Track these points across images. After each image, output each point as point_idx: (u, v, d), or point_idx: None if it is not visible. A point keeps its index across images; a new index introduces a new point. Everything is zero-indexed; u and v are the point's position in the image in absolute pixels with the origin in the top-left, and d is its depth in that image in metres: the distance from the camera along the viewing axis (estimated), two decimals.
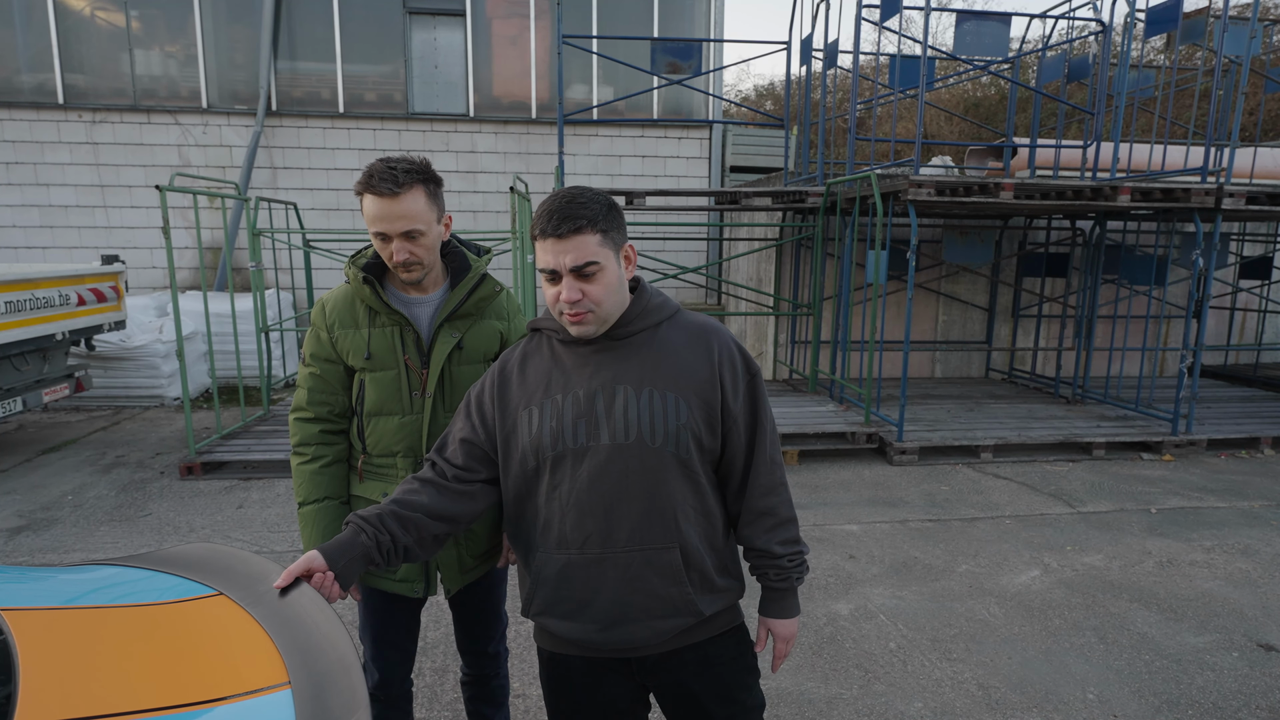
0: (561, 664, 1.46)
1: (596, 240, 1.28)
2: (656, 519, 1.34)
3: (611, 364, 1.36)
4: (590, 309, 1.31)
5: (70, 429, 6.45)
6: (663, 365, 1.36)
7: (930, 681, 2.85)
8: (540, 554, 1.39)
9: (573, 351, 1.39)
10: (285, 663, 1.06)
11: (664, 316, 1.41)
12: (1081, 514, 4.63)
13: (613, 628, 1.37)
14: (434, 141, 9.06)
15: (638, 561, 1.34)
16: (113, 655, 1.03)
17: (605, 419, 1.33)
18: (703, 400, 1.35)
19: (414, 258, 1.67)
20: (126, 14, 8.46)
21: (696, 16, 9.39)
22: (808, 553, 1.48)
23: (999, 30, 6.15)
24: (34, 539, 4.12)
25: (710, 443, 1.38)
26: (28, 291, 5.18)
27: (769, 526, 1.43)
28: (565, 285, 1.29)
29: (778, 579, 1.46)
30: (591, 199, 1.30)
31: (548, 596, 1.40)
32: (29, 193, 8.50)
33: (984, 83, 16.36)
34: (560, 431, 1.34)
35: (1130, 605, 3.46)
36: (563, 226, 1.27)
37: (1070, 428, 6.12)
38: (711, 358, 1.38)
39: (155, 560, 1.44)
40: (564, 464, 1.34)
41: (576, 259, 1.27)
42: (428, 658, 2.96)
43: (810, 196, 6.69)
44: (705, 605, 1.39)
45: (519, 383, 1.42)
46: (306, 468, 1.78)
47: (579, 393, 1.35)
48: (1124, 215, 6.78)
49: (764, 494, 1.42)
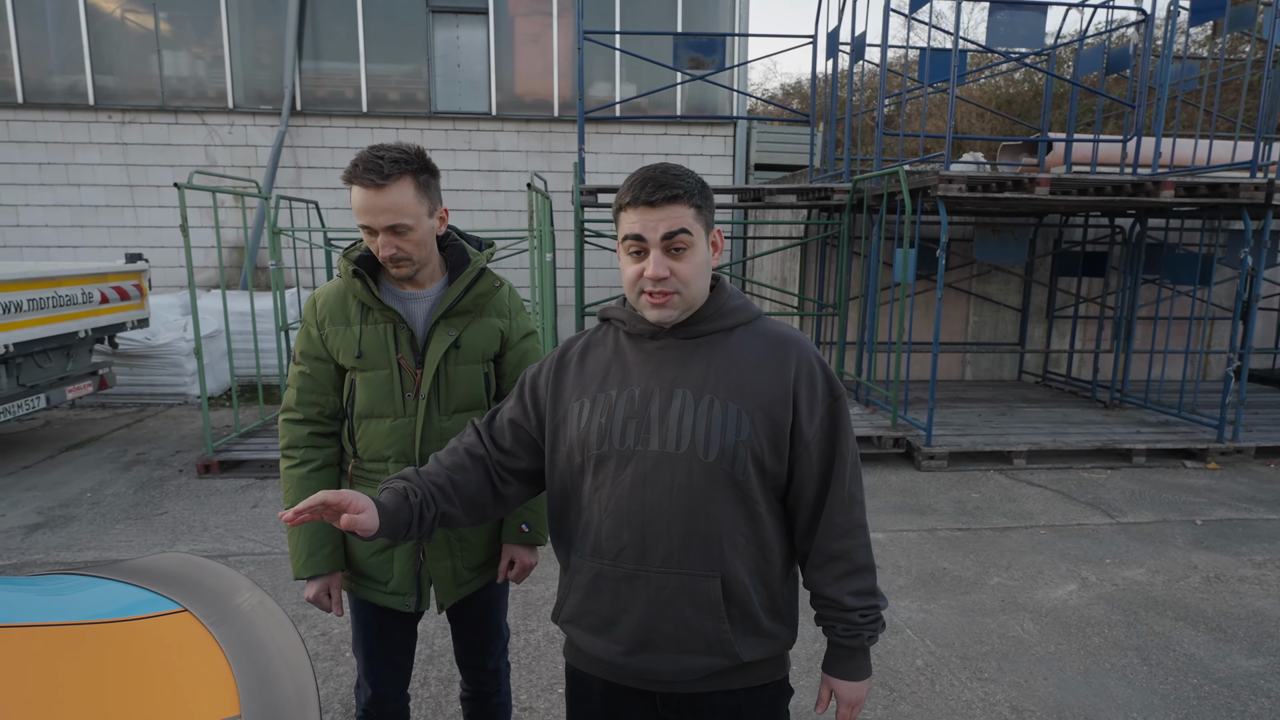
0: (584, 683, 1.35)
1: (691, 214, 1.18)
2: (698, 542, 1.20)
3: (674, 364, 1.24)
4: (677, 289, 1.19)
5: (94, 426, 6.50)
6: (730, 373, 1.22)
7: (960, 703, 2.70)
8: (576, 557, 1.30)
9: (637, 346, 1.28)
10: (240, 693, 0.96)
11: (740, 320, 1.28)
12: (1121, 524, 4.41)
13: (637, 653, 1.24)
14: (456, 140, 9.03)
15: (672, 585, 1.21)
16: (47, 683, 0.94)
17: (658, 423, 1.21)
18: (770, 418, 1.21)
19: (401, 253, 1.57)
20: (155, 16, 8.56)
21: (721, 11, 9.25)
22: (885, 606, 1.30)
23: (1034, 21, 5.92)
24: (50, 536, 4.12)
25: (775, 467, 1.23)
26: (50, 289, 5.22)
27: (841, 573, 1.26)
28: (653, 260, 1.18)
29: (846, 635, 1.28)
30: (686, 172, 1.20)
31: (576, 605, 1.30)
32: (60, 192, 8.64)
33: (1017, 78, 15.98)
34: (608, 430, 1.23)
35: (1175, 624, 3.26)
36: (657, 194, 1.16)
37: (1108, 433, 5.87)
38: (788, 373, 1.23)
39: (125, 571, 1.35)
40: (608, 465, 1.23)
41: (670, 226, 1.16)
42: (434, 667, 2.87)
43: (836, 194, 6.52)
44: (745, 650, 1.24)
45: (577, 372, 1.32)
46: (295, 472, 1.69)
47: (635, 391, 1.24)
48: (1166, 212, 6.51)
49: (838, 535, 1.26)
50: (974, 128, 15.99)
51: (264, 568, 3.75)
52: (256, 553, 3.93)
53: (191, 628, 1.12)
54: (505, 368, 1.80)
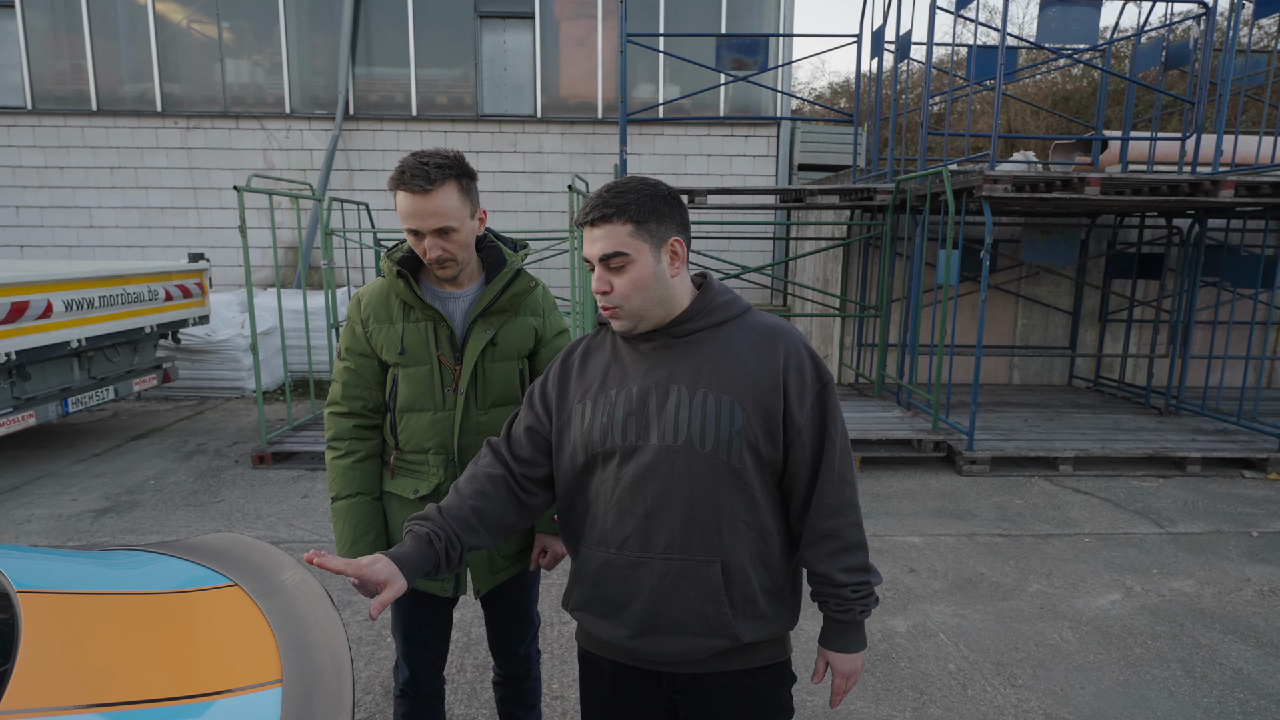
0: (595, 665, 1.43)
1: (627, 231, 1.23)
2: (698, 529, 1.27)
3: (668, 362, 1.30)
4: (618, 304, 1.27)
5: (158, 417, 6.83)
6: (721, 367, 1.28)
7: (991, 709, 2.67)
8: (584, 548, 1.37)
9: (633, 348, 1.34)
10: (281, 660, 1.04)
11: (728, 315, 1.33)
12: (1171, 534, 4.28)
13: (643, 636, 1.31)
14: (502, 143, 9.20)
15: (674, 571, 1.28)
16: (115, 644, 1.03)
17: (656, 418, 1.27)
18: (762, 407, 1.26)
19: (447, 254, 1.65)
20: (219, 25, 8.94)
21: (766, 11, 9.23)
22: (878, 583, 1.35)
23: (1088, 16, 5.77)
24: (117, 520, 4.36)
25: (770, 453, 1.28)
26: (120, 287, 5.51)
27: (833, 550, 1.31)
28: (595, 276, 1.27)
29: (839, 609, 1.34)
30: (633, 189, 1.25)
31: (585, 593, 1.37)
32: (130, 195, 9.09)
33: (1075, 74, 15.52)
34: (610, 428, 1.30)
35: (1224, 637, 3.16)
36: (593, 214, 1.24)
37: (1162, 441, 5.69)
38: (776, 362, 1.28)
39: (182, 549, 1.46)
40: (611, 461, 1.30)
41: (604, 248, 1.24)
42: (470, 654, 2.96)
43: (879, 194, 6.46)
44: (746, 631, 1.30)
45: (579, 375, 1.39)
46: (340, 463, 1.78)
47: (633, 390, 1.30)
48: (1228, 212, 6.27)
49: (829, 514, 1.31)
50: (1028, 126, 15.58)
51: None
52: (306, 540, 4.09)
53: (240, 601, 1.21)
54: (539, 365, 1.87)
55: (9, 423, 4.82)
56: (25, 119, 8.89)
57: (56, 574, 1.26)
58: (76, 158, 8.98)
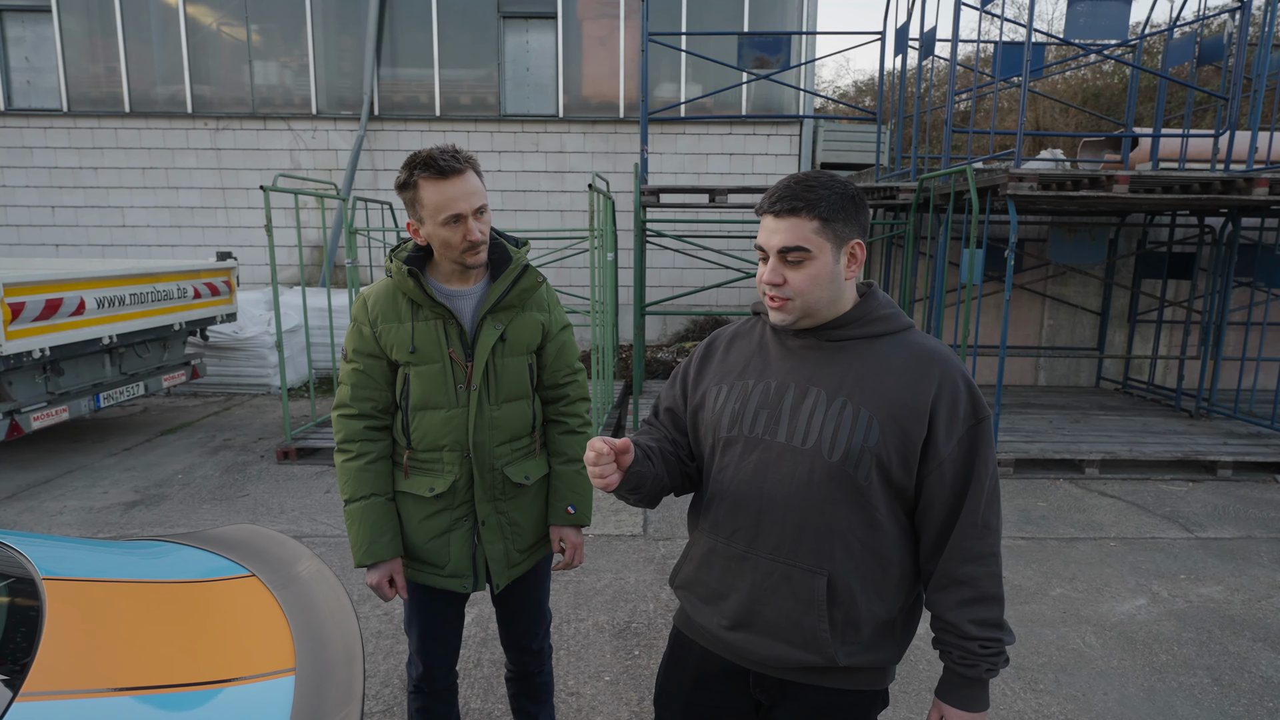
0: (685, 647, 1.42)
1: (813, 227, 1.20)
2: (810, 538, 1.23)
3: (814, 364, 1.27)
4: (790, 296, 1.23)
5: (187, 413, 6.97)
6: (867, 379, 1.23)
7: (1012, 713, 2.64)
8: (696, 530, 1.38)
9: (781, 342, 1.32)
10: (295, 649, 1.06)
11: (887, 330, 1.28)
12: (1200, 539, 4.20)
13: (737, 630, 1.30)
14: (524, 142, 9.25)
15: (778, 574, 1.25)
16: (135, 630, 1.06)
17: (788, 417, 1.25)
18: (901, 428, 1.20)
19: (484, 236, 1.69)
20: (248, 28, 9.09)
21: (789, 9, 9.18)
22: (1010, 642, 1.24)
23: (1118, 10, 5.67)
24: (145, 513, 4.46)
25: (901, 479, 1.22)
26: (149, 285, 5.63)
27: (965, 599, 1.23)
28: (769, 266, 1.23)
29: (963, 662, 1.24)
30: (823, 184, 1.21)
31: (690, 574, 1.38)
32: (161, 195, 9.28)
33: (1106, 70, 15.23)
34: (740, 416, 1.30)
35: (1252, 644, 3.09)
36: (779, 205, 1.21)
37: (1192, 444, 5.57)
38: (929, 387, 1.21)
39: (204, 539, 1.49)
40: (734, 449, 1.30)
41: (784, 241, 1.21)
42: (486, 650, 2.99)
43: (902, 193, 6.39)
44: (843, 654, 1.24)
45: (721, 359, 1.39)
46: (351, 465, 1.76)
47: (771, 383, 1.29)
48: (1262, 211, 6.12)
49: (966, 560, 1.23)
50: (1056, 124, 15.32)
51: (334, 549, 3.97)
52: (328, 535, 4.15)
53: (258, 591, 1.24)
54: (546, 359, 1.88)
55: (44, 417, 4.95)
56: (61, 121, 9.11)
57: (81, 562, 1.29)
58: (110, 158, 9.19)
